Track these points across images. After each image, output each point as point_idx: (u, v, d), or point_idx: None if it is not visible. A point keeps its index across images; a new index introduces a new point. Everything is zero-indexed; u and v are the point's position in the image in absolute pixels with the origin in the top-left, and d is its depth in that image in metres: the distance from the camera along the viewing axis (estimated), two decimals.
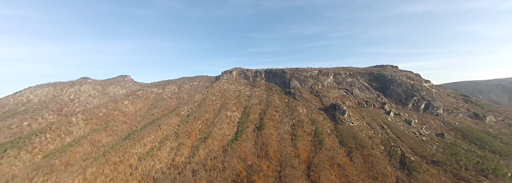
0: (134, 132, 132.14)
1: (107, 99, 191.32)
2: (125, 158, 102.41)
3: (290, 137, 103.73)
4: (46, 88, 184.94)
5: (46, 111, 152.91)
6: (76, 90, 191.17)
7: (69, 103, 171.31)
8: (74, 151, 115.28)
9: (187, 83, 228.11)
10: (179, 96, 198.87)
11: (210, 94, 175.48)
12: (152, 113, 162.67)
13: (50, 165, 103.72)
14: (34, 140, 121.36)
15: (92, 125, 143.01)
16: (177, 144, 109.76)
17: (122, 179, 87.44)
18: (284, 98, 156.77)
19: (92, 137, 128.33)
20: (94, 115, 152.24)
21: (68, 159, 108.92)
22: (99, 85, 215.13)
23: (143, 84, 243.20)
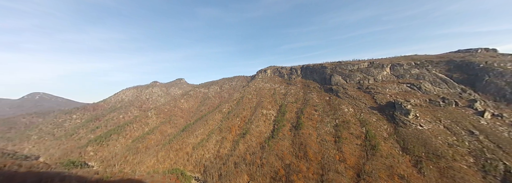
0: (189, 126, 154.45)
1: (169, 98, 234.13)
2: (183, 146, 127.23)
3: (332, 139, 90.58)
4: (131, 90, 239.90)
5: (133, 107, 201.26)
6: (150, 91, 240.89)
7: (146, 101, 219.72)
8: (150, 138, 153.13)
9: (227, 83, 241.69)
10: (221, 95, 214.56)
11: (247, 92, 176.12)
12: (200, 110, 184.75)
13: (136, 147, 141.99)
14: (126, 128, 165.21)
15: (161, 118, 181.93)
16: (220, 138, 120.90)
17: (182, 163, 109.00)
18: (324, 95, 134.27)
19: (161, 128, 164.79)
20: (161, 110, 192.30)
21: (147, 144, 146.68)
22: (164, 87, 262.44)
23: (193, 85, 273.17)
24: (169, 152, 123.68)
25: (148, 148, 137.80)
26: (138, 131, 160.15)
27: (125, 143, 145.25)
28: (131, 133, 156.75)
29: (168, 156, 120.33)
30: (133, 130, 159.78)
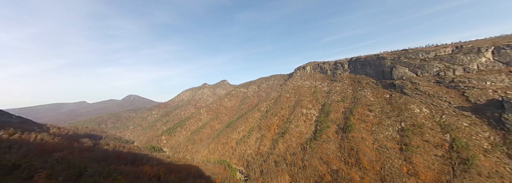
0: (232, 122, 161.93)
1: (216, 98, 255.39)
2: (228, 141, 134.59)
3: (397, 146, 71.65)
4: (188, 92, 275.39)
5: (190, 105, 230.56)
6: (201, 92, 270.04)
7: (198, 100, 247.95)
8: (203, 132, 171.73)
9: (264, 82, 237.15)
10: (259, 94, 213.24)
11: (284, 91, 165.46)
12: (241, 108, 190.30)
13: (193, 139, 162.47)
14: (186, 123, 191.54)
15: (210, 115, 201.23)
16: (260, 135, 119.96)
17: (228, 156, 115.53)
18: (383, 93, 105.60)
19: (211, 124, 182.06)
20: (210, 108, 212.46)
21: (201, 136, 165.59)
22: (211, 88, 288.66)
23: (234, 86, 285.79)
24: (218, 145, 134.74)
25: (202, 140, 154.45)
26: (194, 125, 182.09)
27: (186, 135, 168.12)
28: (189, 127, 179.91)
29: (217, 148, 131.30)
30: (191, 125, 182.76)
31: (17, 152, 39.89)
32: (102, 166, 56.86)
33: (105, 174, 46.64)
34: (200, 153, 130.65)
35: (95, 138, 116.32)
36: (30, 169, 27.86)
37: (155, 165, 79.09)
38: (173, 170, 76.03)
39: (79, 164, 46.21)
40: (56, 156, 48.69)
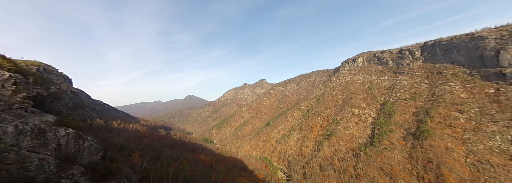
0: (271, 121, 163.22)
1: (255, 97, 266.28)
2: (268, 139, 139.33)
3: (511, 162, 51.67)
4: (231, 91, 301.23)
5: (233, 104, 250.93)
6: (242, 91, 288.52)
7: (240, 99, 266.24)
8: (245, 129, 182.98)
9: (304, 80, 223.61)
10: (298, 92, 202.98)
11: (328, 88, 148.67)
12: (280, 107, 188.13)
13: (237, 134, 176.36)
14: (231, 119, 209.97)
15: (251, 113, 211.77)
16: (301, 136, 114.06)
17: (268, 153, 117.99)
18: (483, 86, 77.78)
19: (251, 121, 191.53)
20: (251, 107, 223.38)
21: (243, 133, 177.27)
22: (251, 88, 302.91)
23: (273, 85, 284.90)
24: (258, 142, 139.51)
25: (244, 136, 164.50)
26: (237, 122, 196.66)
27: (231, 130, 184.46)
28: (233, 123, 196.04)
29: (258, 145, 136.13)
30: (234, 121, 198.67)
31: (122, 136, 56.45)
32: (173, 151, 71.65)
33: (175, 157, 58.41)
34: (243, 148, 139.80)
35: (167, 129, 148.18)
36: (130, 149, 38.67)
37: (208, 155, 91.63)
38: (222, 160, 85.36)
39: (158, 148, 60.15)
40: (144, 141, 65.59)
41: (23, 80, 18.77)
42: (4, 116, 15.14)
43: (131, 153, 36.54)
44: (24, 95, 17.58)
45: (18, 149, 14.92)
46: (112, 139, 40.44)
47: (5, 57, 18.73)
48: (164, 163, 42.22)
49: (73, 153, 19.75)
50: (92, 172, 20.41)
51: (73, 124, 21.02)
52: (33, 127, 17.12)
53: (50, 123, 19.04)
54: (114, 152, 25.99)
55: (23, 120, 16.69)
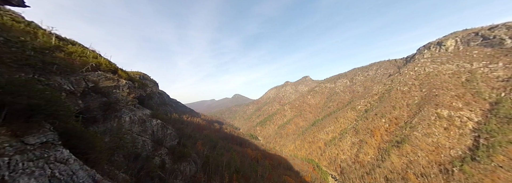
0: (317, 121, 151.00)
1: (298, 95, 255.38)
2: (315, 140, 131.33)
3: None
4: (273, 90, 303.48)
5: (275, 102, 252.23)
6: (284, 90, 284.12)
7: (282, 98, 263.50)
8: (288, 128, 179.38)
9: (359, 74, 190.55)
10: (352, 89, 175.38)
11: (398, 83, 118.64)
12: (328, 106, 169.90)
13: (280, 133, 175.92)
14: (273, 117, 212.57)
15: (294, 112, 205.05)
16: (358, 140, 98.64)
17: (315, 156, 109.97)
18: None
19: (295, 120, 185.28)
20: (293, 105, 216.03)
21: (286, 131, 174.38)
22: (294, 85, 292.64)
23: (318, 81, 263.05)
24: (303, 143, 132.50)
25: (288, 135, 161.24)
26: (280, 121, 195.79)
27: (274, 128, 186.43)
28: (276, 121, 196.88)
29: (303, 146, 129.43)
30: (277, 119, 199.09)
31: (190, 127, 69.75)
32: (225, 143, 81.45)
33: (227, 149, 66.08)
34: (287, 147, 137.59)
35: (220, 124, 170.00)
36: (195, 138, 47.25)
37: (254, 150, 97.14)
38: (266, 156, 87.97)
39: (214, 139, 70.09)
40: (204, 132, 78.30)
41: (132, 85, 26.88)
42: (124, 110, 22.24)
43: (195, 141, 44.64)
44: (133, 96, 25.10)
45: (131, 133, 21.55)
46: (183, 129, 51.16)
47: (122, 70, 27.48)
48: (219, 153, 48.63)
49: (161, 138, 26.38)
50: (172, 153, 26.52)
51: (160, 116, 27.78)
52: (139, 118, 24.18)
53: (147, 116, 26.22)
54: (185, 140, 32.54)
55: (133, 113, 23.85)
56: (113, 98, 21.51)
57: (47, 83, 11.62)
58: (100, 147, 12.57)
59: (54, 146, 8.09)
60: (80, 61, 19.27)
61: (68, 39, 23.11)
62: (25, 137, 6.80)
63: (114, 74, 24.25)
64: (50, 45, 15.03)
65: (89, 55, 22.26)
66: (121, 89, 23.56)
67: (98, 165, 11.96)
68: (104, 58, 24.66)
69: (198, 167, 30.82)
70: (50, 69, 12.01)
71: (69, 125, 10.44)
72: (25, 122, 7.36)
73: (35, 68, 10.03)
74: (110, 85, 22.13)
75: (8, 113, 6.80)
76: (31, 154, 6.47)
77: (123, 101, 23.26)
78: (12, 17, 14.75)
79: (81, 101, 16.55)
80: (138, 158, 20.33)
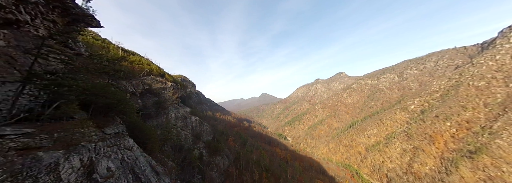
0: (356, 122, 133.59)
1: (331, 93, 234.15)
2: (353, 144, 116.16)
3: None
4: (302, 88, 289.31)
5: (305, 101, 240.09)
6: (314, 88, 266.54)
7: (312, 96, 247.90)
8: (320, 129, 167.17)
9: (412, 67, 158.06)
10: (401, 85, 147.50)
11: (470, 77, 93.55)
12: (370, 106, 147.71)
13: (311, 134, 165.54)
14: (303, 117, 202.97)
15: (326, 112, 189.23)
16: (411, 147, 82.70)
17: (354, 161, 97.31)
18: None
19: (328, 121, 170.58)
20: (326, 105, 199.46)
21: (318, 133, 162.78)
22: (325, 83, 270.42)
23: (356, 78, 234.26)
24: (339, 146, 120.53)
25: (320, 137, 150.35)
26: (310, 121, 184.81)
27: (303, 128, 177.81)
28: (306, 122, 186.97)
29: (338, 149, 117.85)
30: (307, 120, 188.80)
31: (222, 124, 75.06)
32: (254, 141, 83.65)
33: (256, 146, 67.67)
34: (319, 150, 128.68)
35: (248, 122, 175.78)
36: (227, 135, 50.52)
37: (283, 149, 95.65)
38: (296, 158, 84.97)
39: (244, 137, 73.03)
40: (235, 129, 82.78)
41: (176, 86, 30.98)
42: (170, 108, 25.85)
43: (227, 137, 47.71)
44: (177, 96, 28.91)
45: (176, 127, 24.82)
46: (216, 126, 55.72)
47: (168, 74, 32.03)
48: (248, 150, 50.33)
49: (199, 133, 29.42)
50: (208, 147, 29.17)
51: (198, 114, 30.95)
52: (181, 115, 27.66)
53: (188, 113, 29.68)
54: (218, 135, 35.23)
55: (177, 110, 27.44)
56: (162, 97, 25.52)
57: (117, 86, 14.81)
58: (154, 138, 15.18)
59: (123, 136, 10.23)
60: (138, 68, 23.82)
61: (130, 50, 28.90)
62: (104, 128, 8.87)
63: (162, 78, 28.70)
64: (118, 56, 19.16)
65: (144, 63, 27.18)
66: (168, 90, 27.71)
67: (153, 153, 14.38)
68: (155, 65, 29.61)
69: (230, 161, 32.86)
70: (119, 75, 15.30)
71: (132, 119, 13.07)
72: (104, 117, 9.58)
73: (109, 74, 13.01)
74: (160, 87, 26.31)
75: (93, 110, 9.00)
76: (109, 141, 8.39)
77: (170, 100, 27.21)
78: (93, 36, 19.65)
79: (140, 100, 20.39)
80: (182, 150, 23.40)
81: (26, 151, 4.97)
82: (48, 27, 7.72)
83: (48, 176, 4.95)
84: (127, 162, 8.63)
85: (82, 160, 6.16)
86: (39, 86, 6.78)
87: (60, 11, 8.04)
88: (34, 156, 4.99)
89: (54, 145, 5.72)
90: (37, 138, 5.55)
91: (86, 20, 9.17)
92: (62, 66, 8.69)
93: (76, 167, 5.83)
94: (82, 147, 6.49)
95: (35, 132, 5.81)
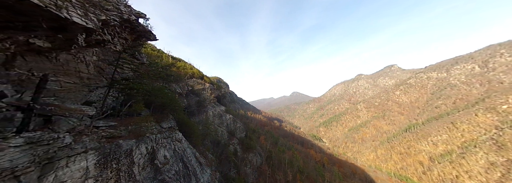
0: (415, 126, 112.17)
1: (378, 90, 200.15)
2: (411, 152, 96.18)
3: None
4: (340, 86, 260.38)
5: (343, 100, 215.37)
6: (355, 85, 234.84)
7: (353, 94, 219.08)
8: (364, 131, 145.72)
9: (502, 54, 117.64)
10: (485, 78, 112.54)
11: None
12: (435, 105, 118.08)
13: (352, 137, 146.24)
14: (341, 118, 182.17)
15: (372, 112, 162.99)
16: (503, 161, 62.27)
17: (413, 173, 79.86)
18: None
19: (375, 123, 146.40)
20: (371, 104, 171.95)
21: (362, 136, 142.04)
22: (370, 79, 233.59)
23: (414, 71, 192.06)
24: (391, 153, 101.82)
25: (364, 141, 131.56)
26: (351, 122, 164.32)
27: (342, 130, 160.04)
28: (346, 123, 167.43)
29: (390, 156, 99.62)
30: (347, 121, 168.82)
31: (253, 123, 77.35)
32: (285, 140, 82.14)
33: (288, 146, 66.20)
34: (363, 156, 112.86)
35: (279, 121, 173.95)
36: (258, 133, 51.67)
37: (318, 152, 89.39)
38: (335, 162, 77.52)
39: (275, 136, 72.83)
40: (266, 128, 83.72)
41: (212, 87, 34.05)
42: (208, 107, 28.58)
43: (259, 136, 48.79)
44: (213, 95, 31.74)
45: (214, 124, 27.29)
46: (248, 124, 57.97)
47: (206, 76, 35.56)
48: (280, 150, 49.74)
49: (233, 130, 31.34)
50: (241, 144, 30.67)
51: (231, 112, 33.01)
52: (218, 113, 30.17)
53: (223, 111, 32.08)
54: (250, 133, 36.47)
55: (214, 109, 30.07)
56: (202, 97, 28.68)
57: (169, 88, 17.55)
58: (197, 133, 17.26)
59: (174, 130, 12.07)
60: (183, 72, 27.67)
61: (177, 57, 33.92)
62: (161, 123, 10.70)
63: (201, 80, 32.20)
64: (168, 63, 22.79)
65: (187, 67, 31.26)
66: (206, 90, 30.92)
67: (196, 146, 16.31)
68: (196, 69, 33.61)
69: (262, 159, 33.43)
70: (170, 79, 18.21)
71: (180, 116, 15.30)
72: (161, 114, 11.53)
73: (163, 79, 15.66)
74: (200, 88, 29.63)
75: (153, 108, 10.97)
76: (164, 134, 10.07)
77: (208, 100, 30.23)
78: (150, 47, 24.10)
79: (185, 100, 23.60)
80: (219, 145, 25.59)
81: (112, 139, 6.58)
82: (122, 43, 10.00)
83: (126, 159, 6.39)
84: (178, 152, 10.11)
85: (147, 148, 7.63)
86: (118, 89, 8.91)
87: (129, 30, 10.26)
88: (117, 143, 6.54)
89: (129, 135, 7.35)
90: (118, 130, 7.26)
91: (147, 35, 11.37)
92: (132, 73, 11.11)
93: (143, 154, 7.28)
94: (147, 138, 8.06)
95: (117, 125, 7.62)
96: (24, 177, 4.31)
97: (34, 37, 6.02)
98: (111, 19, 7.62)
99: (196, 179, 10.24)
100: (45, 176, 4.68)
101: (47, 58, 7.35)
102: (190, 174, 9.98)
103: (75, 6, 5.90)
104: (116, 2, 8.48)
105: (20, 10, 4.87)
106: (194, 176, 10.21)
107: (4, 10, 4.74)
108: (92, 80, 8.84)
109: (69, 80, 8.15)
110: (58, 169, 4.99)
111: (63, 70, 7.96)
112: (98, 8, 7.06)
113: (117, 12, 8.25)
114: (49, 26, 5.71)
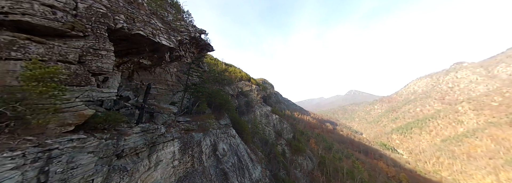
0: None
1: (498, 84, 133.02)
2: None
3: None
4: (424, 80, 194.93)
5: (430, 99, 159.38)
6: (452, 77, 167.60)
7: (448, 91, 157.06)
8: (472, 144, 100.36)
9: None
10: None
11: None
12: None
13: (450, 150, 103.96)
14: (428, 123, 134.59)
15: (486, 116, 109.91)
16: None
17: None
18: None
19: (491, 132, 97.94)
20: (485, 104, 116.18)
21: (468, 150, 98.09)
22: (480, 68, 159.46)
23: None
24: None
25: (473, 158, 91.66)
26: (447, 130, 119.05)
27: (431, 140, 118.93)
28: (437, 131, 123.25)
29: None
30: (439, 127, 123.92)
31: (301, 124, 73.49)
32: (342, 147, 71.89)
33: (345, 154, 57.52)
34: (473, 178, 78.82)
35: (332, 124, 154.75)
36: (307, 135, 48.52)
37: (391, 166, 71.64)
38: (419, 182, 58.95)
39: (328, 140, 65.56)
40: (316, 131, 77.20)
41: (258, 88, 35.82)
42: (256, 107, 30.28)
43: (308, 138, 45.72)
44: (260, 96, 33.30)
45: (261, 124, 28.48)
46: (295, 125, 55.78)
47: (253, 78, 37.92)
48: (336, 157, 44.03)
49: (279, 130, 31.39)
50: (289, 145, 30.03)
51: (277, 113, 33.17)
52: (264, 113, 31.29)
53: (269, 111, 32.88)
54: (298, 135, 34.97)
55: (261, 109, 31.43)
56: (250, 98, 30.91)
57: (223, 90, 20.33)
58: (247, 131, 18.80)
59: (229, 126, 13.81)
60: (234, 75, 31.17)
61: (228, 63, 38.70)
62: (219, 120, 12.57)
63: (249, 82, 34.77)
64: (222, 69, 26.43)
65: (237, 71, 34.84)
66: (253, 91, 33.03)
67: (247, 143, 17.72)
68: (244, 72, 36.84)
69: (314, 164, 30.97)
70: (223, 82, 21.09)
71: (233, 115, 17.29)
72: (219, 112, 13.56)
73: (218, 82, 18.40)
74: (248, 89, 32.09)
75: (213, 107, 13.09)
76: (222, 130, 11.77)
77: (255, 100, 32.13)
78: (209, 57, 28.91)
79: (236, 100, 26.35)
80: (267, 144, 26.43)
81: (188, 131, 8.51)
82: (191, 56, 12.78)
83: (197, 148, 8.07)
84: (233, 147, 11.48)
85: (210, 140, 9.25)
86: (190, 92, 11.47)
87: (195, 45, 12.96)
88: (191, 135, 8.39)
89: (198, 129, 9.23)
90: (191, 124, 9.30)
91: (207, 47, 13.95)
92: (198, 79, 13.93)
93: (208, 145, 8.89)
94: (210, 132, 9.78)
95: (190, 121, 9.78)
96: (140, 154, 6.54)
97: (142, 58, 8.97)
98: (184, 38, 9.98)
99: (249, 173, 11.19)
100: (151, 155, 6.86)
101: (149, 72, 10.73)
102: (243, 167, 11.05)
103: (162, 32, 8.23)
104: (186, 24, 11.01)
105: (133, 40, 7.42)
106: (247, 170, 11.21)
107: (126, 42, 7.42)
108: (174, 86, 12.05)
109: (161, 87, 11.50)
110: (158, 150, 7.13)
111: (158, 79, 11.33)
112: (176, 31, 9.46)
113: (187, 32, 10.67)
114: (150, 49, 8.33)
